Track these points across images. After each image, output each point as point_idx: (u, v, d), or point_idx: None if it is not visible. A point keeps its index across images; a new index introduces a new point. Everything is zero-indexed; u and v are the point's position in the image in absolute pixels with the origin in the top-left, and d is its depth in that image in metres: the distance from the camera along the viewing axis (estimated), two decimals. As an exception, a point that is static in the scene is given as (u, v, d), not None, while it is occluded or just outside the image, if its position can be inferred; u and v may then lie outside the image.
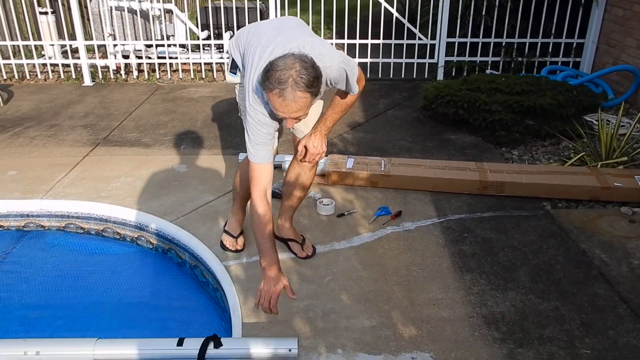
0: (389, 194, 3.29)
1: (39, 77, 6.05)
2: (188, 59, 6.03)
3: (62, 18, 5.99)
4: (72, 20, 5.83)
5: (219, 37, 6.26)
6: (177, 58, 6.00)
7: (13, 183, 3.45)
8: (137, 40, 6.04)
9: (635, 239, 2.80)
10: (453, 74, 5.75)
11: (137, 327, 2.49)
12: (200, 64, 6.10)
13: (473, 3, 5.49)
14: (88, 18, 6.25)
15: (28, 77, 6.05)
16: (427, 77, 5.89)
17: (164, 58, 6.00)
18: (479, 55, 5.67)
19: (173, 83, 5.89)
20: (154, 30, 6.11)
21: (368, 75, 5.94)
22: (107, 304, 2.63)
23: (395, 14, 5.76)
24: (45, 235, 3.17)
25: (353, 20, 5.90)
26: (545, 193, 3.21)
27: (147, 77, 6.03)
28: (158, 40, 6.02)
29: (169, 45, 5.99)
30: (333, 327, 2.20)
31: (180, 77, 6.07)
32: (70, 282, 2.79)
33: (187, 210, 3.10)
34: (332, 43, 5.85)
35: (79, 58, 5.84)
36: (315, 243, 2.76)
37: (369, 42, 5.79)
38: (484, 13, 5.57)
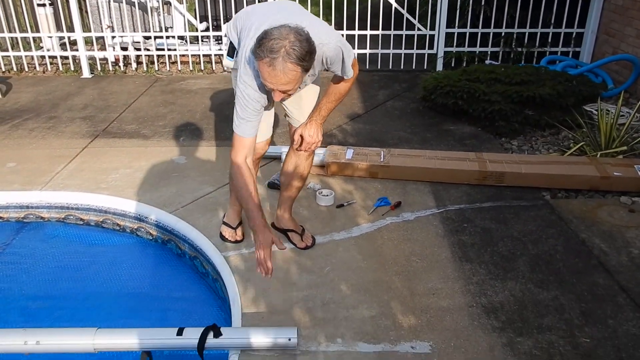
0: (388, 185, 3.28)
1: (38, 69, 6.03)
2: (187, 51, 6.00)
3: (60, 10, 5.95)
4: (70, 12, 5.80)
5: (218, 28, 6.23)
6: (175, 50, 5.98)
7: (12, 175, 3.45)
8: (135, 32, 6.01)
9: (635, 229, 2.80)
10: (452, 65, 5.73)
11: (137, 317, 2.50)
12: (199, 56, 6.07)
13: (472, -7, 5.47)
14: (86, 10, 6.21)
15: (26, 69, 6.03)
16: (426, 67, 5.87)
17: (163, 50, 5.98)
18: (479, 46, 5.64)
19: (172, 75, 5.87)
20: (153, 22, 6.08)
21: (367, 67, 5.93)
22: (107, 295, 2.63)
23: (394, 5, 5.73)
24: (45, 227, 3.17)
25: (352, 11, 5.86)
26: (545, 183, 3.21)
27: (145, 69, 6.01)
28: (156, 32, 5.99)
29: (168, 37, 5.97)
30: (332, 317, 2.21)
31: (179, 69, 6.05)
32: (70, 273, 2.80)
33: (186, 202, 3.10)
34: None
35: (77, 50, 5.82)
36: (315, 234, 2.76)
37: (368, 33, 5.77)
38: (483, 3, 5.54)
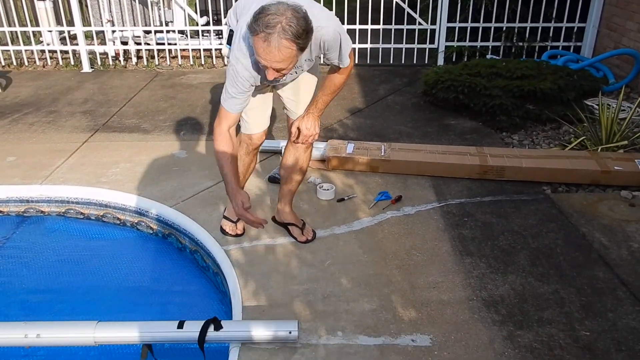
0: (389, 179, 3.28)
1: (37, 63, 6.02)
2: (187, 45, 5.99)
3: (60, 4, 5.93)
4: (70, 6, 5.79)
5: (218, 23, 6.22)
6: (176, 44, 5.96)
7: (12, 169, 3.45)
8: (135, 27, 6.00)
9: (635, 223, 2.80)
10: (453, 59, 5.71)
11: (137, 311, 2.50)
12: (200, 50, 6.06)
13: (474, -13, 5.46)
14: (86, 4, 6.19)
15: (26, 63, 6.02)
16: (427, 62, 5.86)
17: (163, 44, 5.96)
18: (480, 40, 5.63)
19: (172, 69, 5.86)
20: (153, 17, 6.07)
21: (368, 61, 5.92)
22: (107, 289, 2.63)
23: (396, -1, 5.72)
24: (45, 221, 3.17)
25: (353, 6, 5.85)
26: (546, 177, 3.20)
27: (146, 63, 6.00)
28: (157, 27, 5.98)
29: (168, 32, 5.95)
30: (333, 310, 2.21)
31: (180, 63, 6.04)
32: (71, 267, 2.80)
33: (187, 196, 3.10)
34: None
35: (78, 44, 5.81)
36: (316, 227, 2.76)
37: (369, 27, 5.75)
38: (485, -3, 5.53)
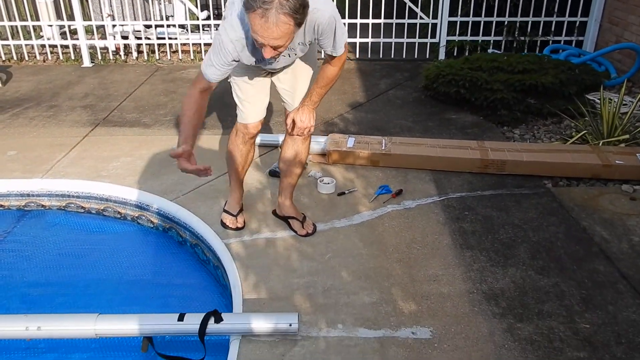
0: (390, 173, 3.28)
1: (38, 58, 6.01)
2: (188, 40, 5.98)
3: (60, -2, 5.93)
4: (70, 1, 5.77)
5: (219, 17, 6.19)
6: (176, 39, 5.95)
7: (13, 163, 3.45)
8: (136, 21, 5.98)
9: (636, 216, 2.80)
10: (455, 54, 5.70)
11: (138, 304, 2.50)
12: (200, 45, 6.05)
13: (475, -19, 5.43)
14: (86, -2, 6.19)
15: (27, 58, 6.01)
16: (428, 57, 5.84)
17: (164, 39, 5.95)
18: (481, 35, 5.61)
19: (173, 64, 5.85)
20: (153, 11, 6.05)
21: (369, 56, 5.91)
22: (108, 282, 2.64)
23: (397, -7, 5.70)
24: (46, 215, 3.17)
25: (354, 0, 5.83)
26: (547, 171, 3.20)
27: (146, 58, 5.99)
28: (157, 21, 5.96)
29: (169, 26, 5.94)
30: (333, 303, 2.21)
31: (180, 58, 6.03)
32: (71, 260, 2.80)
33: (187, 190, 3.10)
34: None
35: (78, 39, 5.80)
36: (316, 221, 2.76)
37: (370, 21, 5.73)
38: (486, -9, 5.51)
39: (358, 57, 5.90)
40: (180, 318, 2.02)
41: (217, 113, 4.32)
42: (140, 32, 5.93)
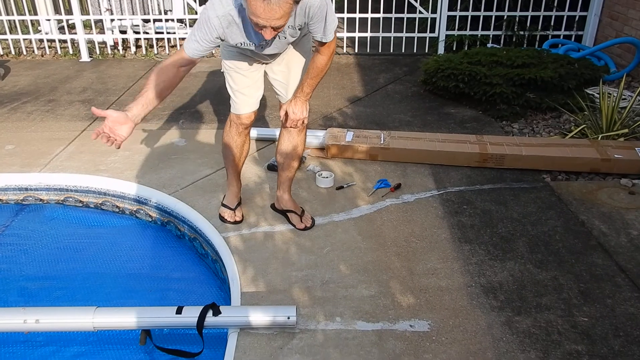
0: (388, 167, 3.27)
1: (36, 52, 5.99)
2: (186, 34, 5.95)
3: (58, -7, 5.91)
4: (68, -5, 5.76)
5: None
6: (175, 33, 5.93)
7: (11, 157, 3.44)
8: (134, 15, 5.96)
9: (635, 210, 2.80)
10: (454, 49, 5.68)
11: (136, 297, 2.50)
12: (199, 39, 6.02)
13: (474, -25, 5.42)
14: (84, -7, 6.17)
15: (25, 52, 5.99)
16: (427, 51, 5.83)
17: (162, 33, 5.93)
18: (480, 29, 5.60)
19: (171, 58, 5.82)
20: (152, 5, 6.03)
21: (368, 50, 5.89)
22: (106, 276, 2.63)
23: (396, -13, 5.68)
24: (44, 209, 3.17)
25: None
26: (545, 165, 3.19)
27: (144, 52, 5.97)
28: (156, 15, 5.94)
29: (167, 20, 5.92)
30: (332, 296, 2.21)
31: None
32: (70, 254, 2.80)
33: (185, 183, 3.09)
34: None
35: (76, 33, 5.78)
36: (314, 215, 2.76)
37: (369, 16, 5.72)
38: (486, -14, 5.49)
39: (357, 51, 5.89)
40: (179, 311, 2.02)
41: (215, 107, 4.31)
42: (139, 26, 5.91)
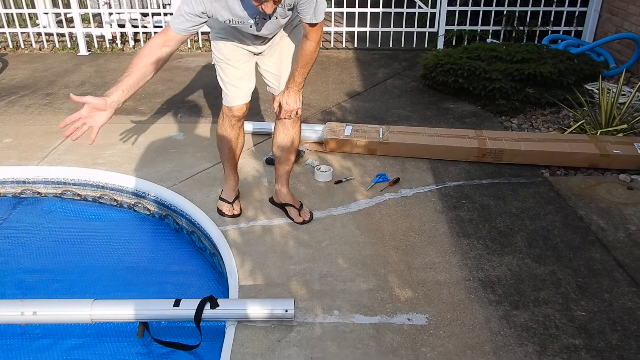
0: (387, 162, 3.27)
1: (34, 46, 5.97)
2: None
3: (56, -14, 5.89)
4: (66, -12, 5.73)
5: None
6: (173, 27, 5.90)
7: (8, 150, 3.43)
8: (132, 9, 5.93)
9: (633, 206, 2.80)
10: (453, 44, 5.67)
11: (134, 291, 2.49)
12: (197, 34, 6.01)
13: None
14: (83, -14, 6.14)
15: (22, 46, 5.97)
16: (427, 46, 5.81)
17: (161, 27, 5.91)
18: (480, 24, 5.58)
19: (170, 52, 5.81)
20: (150, -1, 6.01)
21: (367, 45, 5.88)
22: (104, 269, 2.63)
23: (395, -18, 5.66)
24: (42, 202, 3.16)
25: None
26: (544, 160, 3.19)
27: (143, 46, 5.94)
28: (154, 9, 5.92)
29: (166, 14, 5.89)
30: (330, 289, 2.21)
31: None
32: (67, 247, 2.79)
33: (184, 177, 3.09)
34: (331, 11, 5.78)
35: (74, 27, 5.76)
36: (313, 209, 2.75)
37: (368, 10, 5.70)
38: (486, -19, 5.48)
39: (356, 46, 5.87)
40: (176, 303, 2.01)
41: (213, 101, 4.30)
42: (137, 20, 5.89)
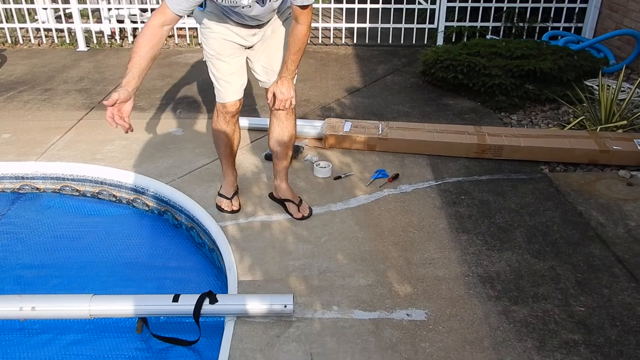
0: (387, 158, 3.26)
1: (32, 42, 5.95)
2: (184, 24, 5.92)
3: (54, -19, 5.86)
4: (65, -17, 5.71)
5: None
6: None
7: (7, 145, 3.42)
8: (132, 5, 5.91)
9: (633, 202, 2.79)
10: (453, 40, 5.66)
11: (133, 286, 2.49)
12: (196, 29, 5.99)
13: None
14: (81, -19, 6.11)
15: (21, 41, 5.94)
16: (426, 42, 5.80)
17: (160, 23, 5.88)
18: (480, 21, 5.57)
19: (169, 48, 5.80)
20: (149, -6, 5.99)
21: (367, 41, 5.87)
22: (103, 265, 2.62)
23: (395, -22, 5.65)
24: (41, 197, 3.16)
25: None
26: (544, 156, 3.19)
27: (142, 42, 5.92)
28: (153, 5, 5.90)
29: (164, 10, 5.87)
30: (329, 285, 2.20)
31: (176, 42, 5.98)
32: (66, 243, 2.79)
33: (183, 173, 3.08)
34: (330, 7, 5.77)
35: (73, 23, 5.74)
36: (312, 205, 2.75)
37: (368, 6, 5.69)
38: (486, -23, 5.46)
39: (355, 42, 5.86)
40: (175, 299, 2.01)
41: (212, 97, 4.22)
42: (136, 15, 5.87)
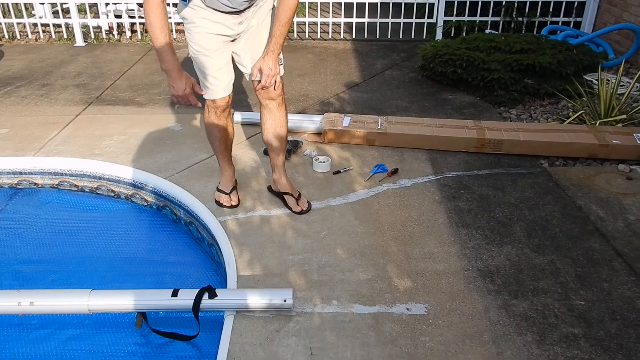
0: (386, 152, 3.26)
1: (30, 37, 5.93)
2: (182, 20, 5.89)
3: (52, -24, 5.83)
4: (62, -22, 5.68)
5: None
6: (170, 18, 5.87)
7: (5, 140, 3.41)
8: (129, 0, 5.89)
9: (632, 196, 2.79)
10: (452, 35, 5.64)
11: (132, 281, 2.48)
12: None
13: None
14: (79, -24, 6.07)
15: (18, 37, 5.92)
16: (425, 37, 5.78)
17: (157, 18, 5.86)
18: (479, 15, 5.55)
19: (167, 43, 5.77)
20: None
21: (366, 36, 5.85)
22: (101, 260, 2.62)
23: (394, -28, 5.62)
24: (39, 193, 3.14)
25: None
26: (543, 151, 3.18)
27: (140, 37, 5.91)
28: None
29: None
30: (328, 279, 2.20)
31: (174, 37, 5.95)
32: (65, 238, 2.78)
33: (181, 168, 3.07)
34: (329, 2, 5.74)
35: (70, 18, 5.71)
36: (311, 199, 2.74)
37: (367, 1, 5.66)
38: (485, -29, 5.44)
39: (354, 37, 5.84)
40: (174, 294, 2.01)
41: (211, 92, 4.26)
42: (134, 10, 5.85)
